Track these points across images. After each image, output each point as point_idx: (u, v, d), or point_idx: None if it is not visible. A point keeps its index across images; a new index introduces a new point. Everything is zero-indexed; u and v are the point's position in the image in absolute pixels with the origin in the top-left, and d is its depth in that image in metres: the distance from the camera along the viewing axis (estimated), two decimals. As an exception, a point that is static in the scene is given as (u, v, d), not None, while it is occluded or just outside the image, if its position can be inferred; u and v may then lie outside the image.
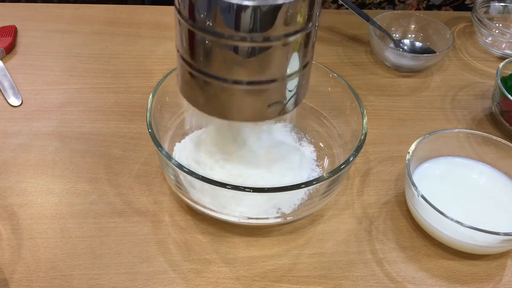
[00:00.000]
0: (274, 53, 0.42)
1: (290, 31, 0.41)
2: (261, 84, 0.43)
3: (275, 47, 0.41)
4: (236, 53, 0.41)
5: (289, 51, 0.42)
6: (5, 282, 0.47)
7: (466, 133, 0.58)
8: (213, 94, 0.44)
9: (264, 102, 0.45)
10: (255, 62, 0.42)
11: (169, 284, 0.48)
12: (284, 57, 0.42)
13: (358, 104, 0.54)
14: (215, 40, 0.41)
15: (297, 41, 0.42)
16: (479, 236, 0.48)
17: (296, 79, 0.45)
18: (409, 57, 0.75)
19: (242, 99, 0.44)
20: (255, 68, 0.42)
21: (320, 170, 0.57)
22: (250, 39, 0.40)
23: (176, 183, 0.51)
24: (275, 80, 0.43)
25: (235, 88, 0.43)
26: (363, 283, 0.50)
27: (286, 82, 0.44)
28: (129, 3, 1.06)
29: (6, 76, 0.70)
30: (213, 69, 0.43)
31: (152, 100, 0.52)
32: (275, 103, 0.45)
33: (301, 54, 0.43)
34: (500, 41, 0.81)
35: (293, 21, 0.40)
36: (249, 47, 0.41)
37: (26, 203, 0.55)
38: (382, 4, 0.93)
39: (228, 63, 0.42)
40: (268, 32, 0.40)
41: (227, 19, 0.39)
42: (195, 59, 0.43)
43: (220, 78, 0.43)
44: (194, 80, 0.45)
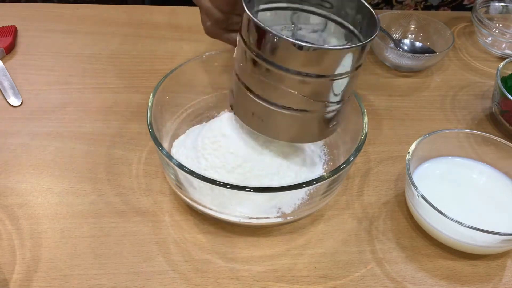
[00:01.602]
0: (323, 88, 0.46)
1: (348, 69, 0.45)
2: (311, 112, 0.47)
3: (324, 83, 0.45)
4: (295, 84, 0.45)
5: (337, 86, 0.46)
6: (5, 282, 0.47)
7: (466, 133, 0.58)
8: (267, 116, 0.48)
9: (313, 127, 0.49)
10: (317, 91, 0.46)
11: (169, 284, 0.48)
12: (334, 89, 0.46)
13: (358, 104, 0.54)
14: (277, 72, 0.45)
15: (345, 80, 0.46)
16: (479, 236, 0.48)
17: (340, 109, 0.49)
18: (409, 57, 0.75)
19: (296, 124, 0.48)
20: (312, 96, 0.46)
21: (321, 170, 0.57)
22: (310, 74, 0.44)
23: (176, 183, 0.51)
24: (322, 109, 0.48)
25: (288, 113, 0.47)
26: (363, 283, 0.50)
27: (331, 111, 0.49)
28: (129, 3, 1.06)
29: (6, 76, 0.70)
30: (272, 97, 0.47)
31: (152, 100, 0.52)
32: (323, 128, 0.50)
33: (347, 88, 0.47)
34: (500, 41, 0.81)
35: (345, 63, 0.45)
36: (308, 80, 0.45)
37: (26, 203, 0.55)
38: (379, 5, 0.93)
39: (288, 93, 0.46)
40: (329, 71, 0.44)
41: (289, 55, 0.43)
42: (255, 86, 0.47)
43: (278, 105, 0.47)
44: (251, 104, 0.48)
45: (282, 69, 0.44)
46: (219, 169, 0.51)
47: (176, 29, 0.81)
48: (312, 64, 0.43)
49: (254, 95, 0.47)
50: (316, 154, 0.58)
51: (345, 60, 0.44)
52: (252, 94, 0.47)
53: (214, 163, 0.51)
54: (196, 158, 0.53)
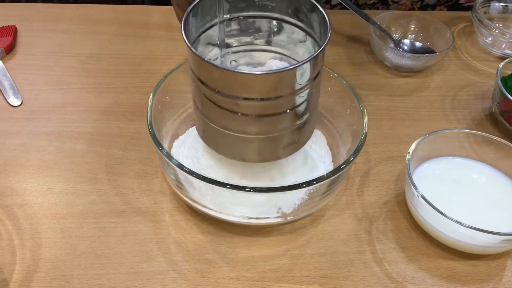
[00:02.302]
0: (285, 107, 0.45)
1: (295, 90, 0.44)
2: (271, 133, 0.47)
3: (285, 102, 0.44)
4: (251, 109, 0.44)
5: (295, 105, 0.46)
6: (5, 282, 0.47)
7: (466, 133, 0.58)
8: (231, 143, 0.48)
9: (279, 145, 0.48)
10: (270, 117, 0.45)
11: (169, 284, 0.48)
12: (289, 108, 0.45)
13: (358, 104, 0.54)
14: (232, 102, 0.44)
15: (302, 97, 0.45)
16: (479, 236, 0.48)
17: (304, 122, 0.48)
18: (409, 57, 0.75)
19: (258, 146, 0.48)
20: (270, 121, 0.46)
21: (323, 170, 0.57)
22: (260, 99, 0.43)
23: (176, 183, 0.51)
24: (285, 128, 0.47)
25: (250, 138, 0.47)
26: (363, 283, 0.50)
27: (292, 129, 0.48)
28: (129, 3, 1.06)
29: (6, 76, 0.70)
30: (230, 125, 0.46)
31: (152, 100, 0.52)
32: (288, 144, 0.49)
33: (306, 105, 0.47)
34: (500, 41, 0.81)
35: (297, 82, 0.43)
36: (259, 103, 0.44)
37: (26, 203, 0.55)
38: (375, 5, 0.93)
39: (242, 120, 0.45)
40: (278, 93, 0.43)
41: (240, 85, 0.43)
42: (214, 117, 0.47)
43: (238, 130, 0.46)
44: (214, 131, 0.48)
45: (232, 97, 0.43)
46: (219, 169, 0.51)
47: (176, 29, 0.81)
48: (259, 88, 0.43)
49: (217, 125, 0.47)
50: (318, 154, 0.57)
51: (297, 76, 0.43)
52: (214, 123, 0.47)
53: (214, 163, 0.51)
54: (196, 158, 0.53)
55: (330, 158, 0.58)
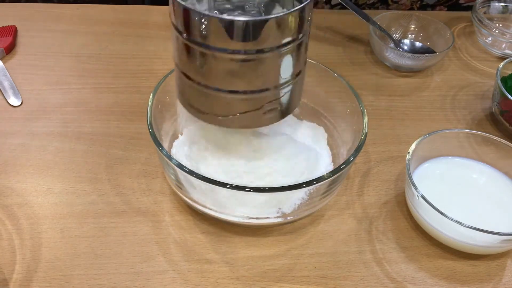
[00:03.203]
0: (266, 64, 0.43)
1: (280, 43, 0.42)
2: (254, 93, 0.45)
3: (267, 59, 0.43)
4: (231, 65, 0.43)
5: (281, 61, 0.44)
6: (5, 282, 0.47)
7: (466, 133, 0.58)
8: (211, 104, 0.46)
9: (261, 110, 0.46)
10: (249, 73, 0.43)
11: (169, 284, 0.48)
12: (277, 67, 0.44)
13: (358, 104, 0.54)
14: (210, 53, 0.42)
15: (288, 52, 0.43)
16: (479, 236, 0.48)
17: (289, 88, 0.46)
18: (409, 57, 0.75)
19: (238, 108, 0.46)
20: (249, 79, 0.44)
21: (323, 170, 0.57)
22: (243, 51, 0.42)
23: (176, 183, 0.51)
24: (268, 89, 0.45)
25: (231, 97, 0.45)
26: (363, 283, 0.50)
27: (279, 91, 0.46)
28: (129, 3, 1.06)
29: (6, 76, 0.70)
30: (210, 81, 0.44)
31: (152, 100, 0.52)
32: (270, 111, 0.47)
33: (293, 63, 0.45)
34: (500, 41, 0.81)
35: (283, 33, 0.42)
36: (242, 59, 0.42)
37: (26, 203, 0.55)
38: (375, 5, 0.93)
39: (224, 74, 0.43)
40: (260, 45, 0.41)
41: (221, 34, 0.41)
42: (193, 72, 0.45)
43: (217, 88, 0.44)
44: (192, 91, 0.46)
45: (216, 50, 0.41)
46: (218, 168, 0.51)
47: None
48: (247, 39, 0.41)
49: (193, 81, 0.45)
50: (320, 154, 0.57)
51: (281, 29, 0.41)
52: (191, 81, 0.45)
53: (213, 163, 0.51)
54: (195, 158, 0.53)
55: (330, 158, 0.58)
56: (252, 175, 0.50)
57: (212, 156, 0.51)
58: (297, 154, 0.53)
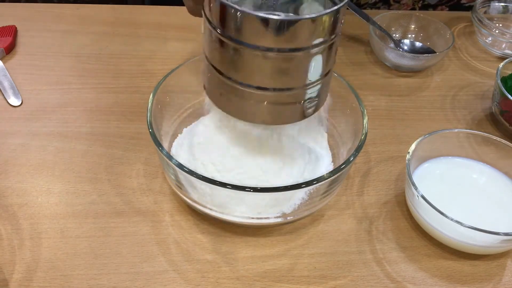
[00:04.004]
0: (297, 63, 0.43)
1: (313, 43, 0.42)
2: (283, 91, 0.45)
3: (298, 58, 0.43)
4: (262, 62, 0.42)
5: (312, 61, 0.44)
6: (5, 282, 0.47)
7: (466, 133, 0.58)
8: (238, 98, 0.46)
9: (289, 107, 0.46)
10: (281, 71, 0.43)
11: (169, 284, 0.48)
12: (307, 66, 0.44)
13: (358, 104, 0.54)
14: (242, 49, 0.42)
15: (320, 52, 0.44)
16: (479, 236, 0.48)
17: (317, 87, 0.46)
18: (409, 57, 0.75)
19: (265, 105, 0.46)
20: (280, 76, 0.44)
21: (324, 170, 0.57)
22: (276, 49, 0.41)
23: (176, 183, 0.51)
24: (296, 88, 0.45)
25: (260, 93, 0.44)
26: (363, 283, 0.50)
27: (306, 90, 0.46)
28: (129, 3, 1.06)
29: (6, 76, 0.70)
30: (239, 76, 0.44)
31: (152, 100, 0.52)
32: (294, 109, 0.47)
33: (323, 64, 0.45)
34: (500, 41, 0.81)
35: (317, 33, 0.42)
36: (275, 57, 0.42)
37: (26, 203, 0.55)
38: (377, 4, 0.93)
39: (254, 71, 0.43)
40: (293, 44, 0.41)
41: (256, 31, 0.41)
42: (222, 66, 0.45)
43: (246, 84, 0.44)
44: (220, 84, 0.46)
45: (250, 47, 0.41)
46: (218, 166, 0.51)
47: (176, 29, 0.81)
48: (281, 37, 0.41)
49: (224, 76, 0.45)
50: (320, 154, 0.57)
51: (316, 30, 0.41)
52: (221, 75, 0.45)
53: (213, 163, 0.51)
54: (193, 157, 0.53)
55: (330, 158, 0.58)
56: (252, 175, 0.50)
57: (212, 156, 0.51)
58: (297, 154, 0.53)
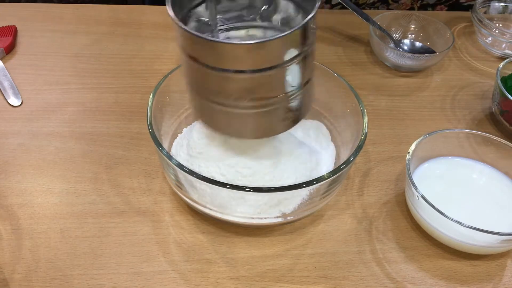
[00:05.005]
0: (273, 79, 0.44)
1: (284, 60, 0.43)
2: (267, 106, 0.46)
3: (272, 75, 0.43)
4: (244, 81, 0.43)
5: (287, 75, 0.44)
6: (5, 282, 0.47)
7: (466, 133, 0.58)
8: (227, 119, 0.47)
9: (274, 120, 0.47)
10: (258, 87, 0.44)
11: (169, 284, 0.48)
12: (283, 81, 0.44)
13: (358, 104, 0.54)
14: (217, 74, 0.43)
15: (293, 65, 0.44)
16: (479, 236, 0.48)
17: (299, 97, 0.47)
18: (409, 57, 0.75)
19: (252, 121, 0.47)
20: (258, 92, 0.44)
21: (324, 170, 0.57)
22: (251, 70, 0.42)
23: (176, 183, 0.51)
24: (279, 101, 0.46)
25: (244, 112, 0.46)
26: (363, 283, 0.50)
27: (288, 101, 0.46)
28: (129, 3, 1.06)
29: (6, 76, 0.70)
30: (224, 99, 0.45)
31: (152, 100, 0.52)
32: (283, 119, 0.48)
33: (299, 75, 0.46)
34: (500, 41, 0.81)
35: (287, 51, 0.42)
36: (252, 76, 0.43)
37: (26, 203, 0.55)
38: (375, 4, 0.93)
39: (235, 94, 0.44)
40: (263, 64, 0.42)
41: (225, 55, 0.42)
42: (209, 92, 0.46)
43: (232, 105, 0.45)
44: (209, 107, 0.47)
45: (222, 71, 0.42)
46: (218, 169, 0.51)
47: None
48: (253, 59, 0.42)
49: (208, 100, 0.46)
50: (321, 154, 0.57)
51: (286, 47, 0.42)
52: (205, 99, 0.46)
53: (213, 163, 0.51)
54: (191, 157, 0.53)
55: (331, 158, 0.58)
56: (252, 175, 0.50)
57: (212, 156, 0.51)
58: (298, 154, 0.53)
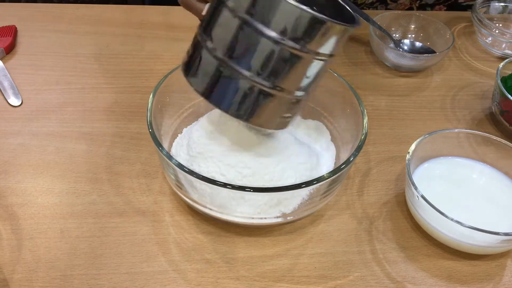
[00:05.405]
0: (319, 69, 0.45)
1: (325, 51, 0.44)
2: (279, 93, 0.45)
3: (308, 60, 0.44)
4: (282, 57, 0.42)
5: (320, 68, 0.45)
6: (5, 282, 0.47)
7: (466, 133, 0.58)
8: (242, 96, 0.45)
9: (272, 110, 0.46)
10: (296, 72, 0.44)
11: (169, 284, 0.48)
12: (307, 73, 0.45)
13: (358, 104, 0.54)
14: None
15: (322, 64, 0.45)
16: (479, 236, 0.48)
17: (302, 100, 0.47)
18: (409, 57, 0.75)
19: (265, 105, 0.46)
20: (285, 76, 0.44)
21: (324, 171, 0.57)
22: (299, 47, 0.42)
23: (176, 183, 0.51)
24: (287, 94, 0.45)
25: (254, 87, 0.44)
26: (363, 283, 0.50)
27: (295, 98, 0.46)
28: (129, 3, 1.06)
29: (6, 76, 0.70)
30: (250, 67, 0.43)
31: (152, 100, 0.52)
32: (286, 116, 0.48)
33: (320, 75, 0.46)
34: (500, 41, 0.81)
35: (328, 42, 0.43)
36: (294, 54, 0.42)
37: (26, 203, 0.55)
38: (374, 4, 0.93)
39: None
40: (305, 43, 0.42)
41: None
42: (237, 59, 0.44)
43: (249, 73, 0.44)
44: (223, 81, 0.45)
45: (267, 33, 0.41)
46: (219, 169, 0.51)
47: (176, 29, 0.81)
48: (303, 33, 0.41)
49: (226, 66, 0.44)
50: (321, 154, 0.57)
51: (332, 37, 0.43)
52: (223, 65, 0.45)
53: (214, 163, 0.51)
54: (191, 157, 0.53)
55: (331, 158, 0.58)
56: (252, 175, 0.50)
57: (212, 156, 0.51)
58: (298, 154, 0.53)
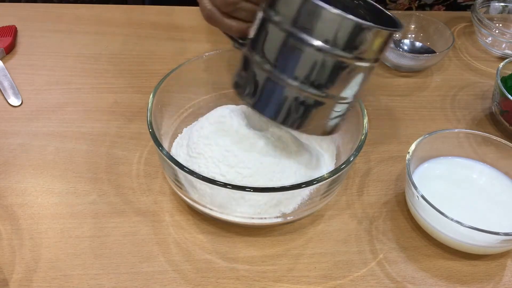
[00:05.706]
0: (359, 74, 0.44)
1: (375, 56, 0.44)
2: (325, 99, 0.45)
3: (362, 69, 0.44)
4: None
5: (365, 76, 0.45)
6: (5, 282, 0.47)
7: (466, 133, 0.58)
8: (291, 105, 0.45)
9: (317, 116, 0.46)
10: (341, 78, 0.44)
11: (169, 284, 0.48)
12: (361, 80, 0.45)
13: (358, 104, 0.54)
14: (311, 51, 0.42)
15: (368, 69, 0.45)
16: (479, 236, 0.48)
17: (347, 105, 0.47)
18: (409, 57, 0.75)
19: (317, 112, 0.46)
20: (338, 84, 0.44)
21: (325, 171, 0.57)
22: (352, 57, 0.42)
23: (176, 183, 0.51)
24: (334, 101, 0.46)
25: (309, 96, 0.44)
26: (363, 283, 0.50)
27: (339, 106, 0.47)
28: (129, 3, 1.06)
29: (6, 76, 0.70)
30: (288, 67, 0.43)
31: (152, 100, 0.52)
32: (334, 122, 0.48)
33: (365, 82, 0.46)
34: (500, 41, 0.81)
35: (378, 49, 0.43)
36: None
37: (26, 203, 0.55)
38: None
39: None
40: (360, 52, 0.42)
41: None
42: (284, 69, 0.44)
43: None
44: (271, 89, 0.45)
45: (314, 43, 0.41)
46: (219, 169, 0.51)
47: (176, 29, 0.81)
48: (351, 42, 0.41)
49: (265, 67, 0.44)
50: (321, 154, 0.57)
51: (377, 43, 0.42)
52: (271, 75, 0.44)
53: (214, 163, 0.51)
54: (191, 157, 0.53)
55: (331, 158, 0.58)
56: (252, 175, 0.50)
57: (212, 156, 0.51)
58: (298, 154, 0.53)
